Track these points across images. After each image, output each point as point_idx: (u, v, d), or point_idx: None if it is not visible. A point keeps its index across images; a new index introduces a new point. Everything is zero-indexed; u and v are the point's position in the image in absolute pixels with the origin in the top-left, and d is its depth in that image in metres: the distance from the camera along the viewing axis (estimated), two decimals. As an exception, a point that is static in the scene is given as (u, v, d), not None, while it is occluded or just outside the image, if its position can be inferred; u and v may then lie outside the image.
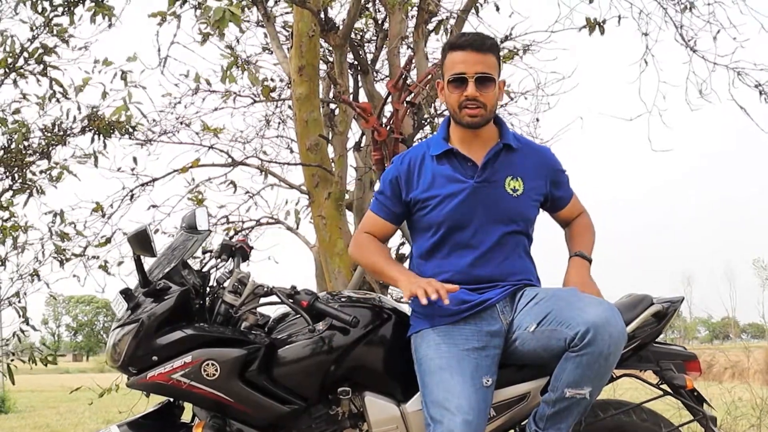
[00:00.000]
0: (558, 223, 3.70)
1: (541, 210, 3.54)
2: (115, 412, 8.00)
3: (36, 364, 7.07)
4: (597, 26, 6.62)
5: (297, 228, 7.85)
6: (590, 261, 3.49)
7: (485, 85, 3.30)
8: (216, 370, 3.13)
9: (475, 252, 3.33)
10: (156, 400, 3.47)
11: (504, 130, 3.47)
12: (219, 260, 3.55)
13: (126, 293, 3.27)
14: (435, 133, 3.62)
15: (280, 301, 3.29)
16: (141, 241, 3.19)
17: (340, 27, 6.47)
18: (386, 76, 7.64)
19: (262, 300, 3.35)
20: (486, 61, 3.31)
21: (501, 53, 3.61)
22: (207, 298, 3.41)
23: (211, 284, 3.48)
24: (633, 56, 7.17)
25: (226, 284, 3.39)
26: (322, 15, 6.28)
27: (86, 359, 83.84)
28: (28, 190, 7.30)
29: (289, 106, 8.27)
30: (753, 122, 6.81)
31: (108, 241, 7.52)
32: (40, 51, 7.05)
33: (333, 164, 6.75)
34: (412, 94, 5.98)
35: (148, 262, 3.42)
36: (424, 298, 3.08)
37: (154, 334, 3.18)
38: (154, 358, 3.17)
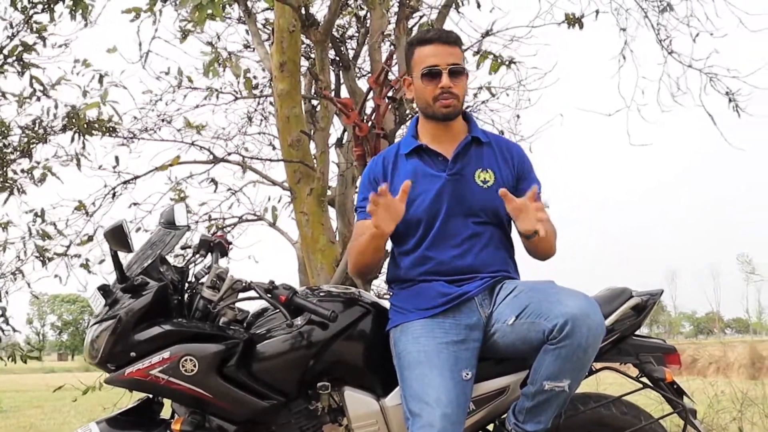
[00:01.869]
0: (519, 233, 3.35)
1: None
2: (100, 411, 7.97)
3: (15, 363, 7.02)
4: (576, 22, 6.63)
5: (275, 224, 7.84)
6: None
7: (458, 77, 3.36)
8: (194, 366, 3.12)
9: (452, 244, 3.34)
10: (137, 397, 3.46)
11: (472, 125, 3.51)
12: (197, 256, 3.53)
13: (104, 289, 3.26)
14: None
15: (258, 296, 3.27)
16: (117, 237, 3.17)
17: (321, 23, 6.45)
18: (368, 72, 7.64)
19: (241, 295, 3.33)
20: (455, 53, 3.39)
21: (488, 57, 3.61)
22: (185, 294, 3.40)
23: (189, 280, 3.46)
24: (612, 51, 7.20)
25: (204, 280, 3.37)
26: (303, 11, 6.26)
27: (72, 358, 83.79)
28: (8, 189, 7.25)
29: (271, 103, 8.27)
30: (719, 132, 6.86)
31: (90, 239, 7.49)
32: (20, 49, 7.01)
33: (315, 160, 6.73)
34: (394, 90, 5.97)
35: (126, 259, 3.41)
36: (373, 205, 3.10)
37: (131, 330, 3.16)
38: (133, 354, 3.15)
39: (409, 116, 6.61)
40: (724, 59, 7.01)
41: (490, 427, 3.44)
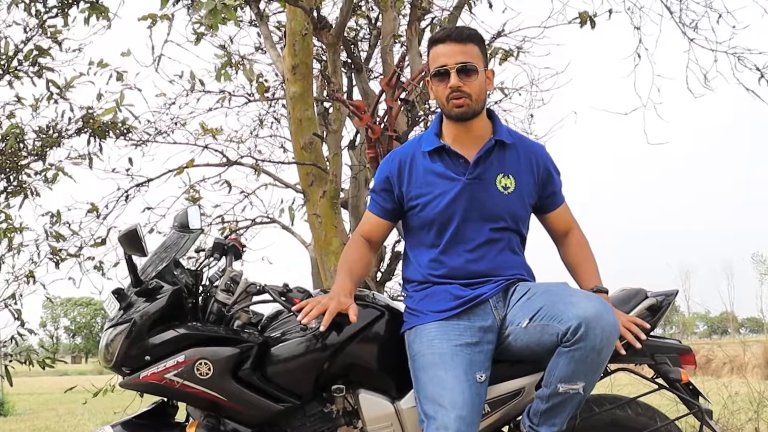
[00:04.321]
0: (548, 231, 3.62)
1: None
2: (113, 414, 7.98)
3: (33, 366, 7.05)
4: (588, 20, 6.62)
5: (292, 226, 7.85)
6: (606, 291, 3.41)
7: (468, 75, 3.28)
8: (209, 369, 3.12)
9: (468, 248, 3.32)
10: (151, 400, 3.47)
11: (497, 126, 3.44)
12: (211, 259, 3.54)
13: (118, 293, 3.26)
14: (427, 129, 3.59)
15: (272, 299, 3.28)
16: (131, 241, 3.18)
17: (333, 25, 6.46)
18: (380, 74, 7.63)
19: (255, 298, 3.34)
20: (467, 51, 3.30)
21: (497, 54, 3.59)
22: (199, 297, 3.40)
23: (203, 283, 3.46)
24: (626, 51, 7.18)
25: (218, 283, 3.37)
26: (315, 13, 6.26)
27: (85, 361, 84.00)
28: (23, 193, 7.28)
29: (283, 105, 8.28)
30: (764, 103, 6.79)
31: (103, 242, 7.51)
32: (35, 53, 7.04)
33: (328, 163, 6.74)
34: (406, 92, 5.98)
35: (140, 262, 3.41)
36: (302, 317, 3.13)
37: (146, 334, 3.17)
38: (147, 357, 3.16)
39: (422, 118, 6.62)
40: (747, 41, 6.96)
41: (505, 429, 3.43)
